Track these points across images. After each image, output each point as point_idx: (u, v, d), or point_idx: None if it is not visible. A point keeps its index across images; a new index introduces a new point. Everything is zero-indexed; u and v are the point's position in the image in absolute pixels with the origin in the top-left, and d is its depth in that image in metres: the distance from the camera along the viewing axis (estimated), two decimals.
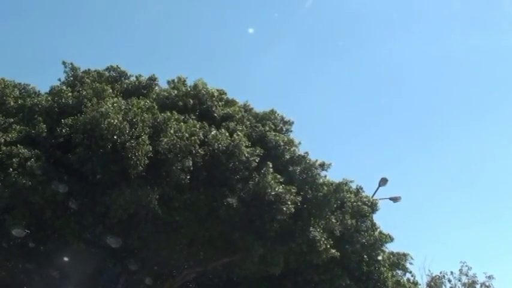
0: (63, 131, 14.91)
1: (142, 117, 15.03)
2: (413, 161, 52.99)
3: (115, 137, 14.36)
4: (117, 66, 18.77)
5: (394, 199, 25.49)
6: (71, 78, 18.01)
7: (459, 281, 31.34)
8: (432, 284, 30.84)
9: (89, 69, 18.34)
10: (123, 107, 15.19)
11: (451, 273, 31.59)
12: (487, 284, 31.19)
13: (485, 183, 52.39)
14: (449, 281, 31.45)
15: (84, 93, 16.04)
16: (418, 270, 32.24)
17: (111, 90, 16.60)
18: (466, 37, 48.24)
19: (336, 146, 49.15)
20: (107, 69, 18.70)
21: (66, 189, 14.51)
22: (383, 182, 24.78)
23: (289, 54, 49.34)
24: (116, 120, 14.40)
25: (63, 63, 18.26)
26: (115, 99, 15.72)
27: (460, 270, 31.56)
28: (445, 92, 55.74)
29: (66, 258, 15.97)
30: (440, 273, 31.66)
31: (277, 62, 48.75)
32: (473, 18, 51.54)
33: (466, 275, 31.37)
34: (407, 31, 52.71)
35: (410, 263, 22.87)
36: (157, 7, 46.92)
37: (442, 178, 52.75)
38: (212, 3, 47.89)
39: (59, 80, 18.15)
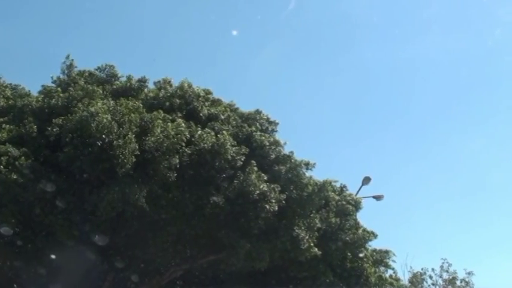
0: (54, 130, 15.13)
1: (130, 117, 15.31)
2: (395, 160, 53.66)
3: (103, 136, 14.63)
4: (108, 65, 18.96)
5: (377, 197, 26.00)
6: (65, 77, 18.19)
7: (440, 277, 31.95)
8: (414, 280, 31.40)
9: (83, 70, 18.55)
10: (112, 107, 15.43)
11: (432, 269, 32.18)
12: (466, 279, 31.83)
13: (465, 181, 53.28)
14: (431, 277, 32.03)
15: (75, 94, 16.28)
16: (400, 267, 32.77)
17: (101, 91, 16.84)
18: (446, 40, 49.05)
19: (320, 146, 49.68)
20: (98, 68, 18.91)
21: (54, 188, 14.74)
22: (366, 180, 25.27)
23: (272, 56, 49.80)
24: (105, 120, 14.67)
25: (67, 57, 18.50)
26: (104, 100, 15.96)
27: (441, 266, 32.14)
28: (426, 93, 56.54)
29: (53, 256, 16.15)
30: (422, 269, 32.25)
31: (261, 63, 49.18)
32: (453, 20, 52.34)
33: (447, 271, 31.98)
34: (388, 34, 53.39)
35: (393, 260, 23.45)
36: (141, 11, 47.02)
37: (424, 177, 53.54)
38: (196, 5, 48.04)
39: (51, 77, 18.35)
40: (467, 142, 52.52)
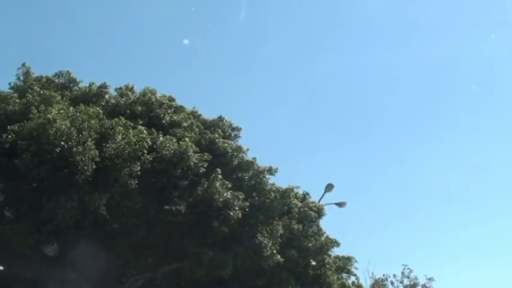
0: (8, 137, 14.72)
1: (90, 124, 15.06)
2: (358, 167, 54.41)
3: (62, 143, 14.34)
4: (67, 71, 18.66)
5: (340, 204, 26.21)
6: (22, 84, 17.77)
7: (401, 283, 32.47)
8: (375, 286, 31.78)
9: (40, 76, 18.16)
10: (71, 113, 15.16)
11: (394, 275, 32.68)
12: (427, 285, 32.45)
13: (426, 188, 54.39)
14: (392, 283, 32.54)
15: (32, 99, 15.92)
16: (362, 273, 33.06)
17: (59, 97, 16.53)
18: (404, 48, 50.14)
19: (283, 152, 49.93)
20: (56, 75, 18.56)
21: (2, 198, 14.38)
22: (329, 187, 25.46)
23: (223, 65, 50.14)
24: (64, 126, 14.39)
25: (23, 64, 18.05)
26: (62, 105, 15.66)
27: (402, 272, 32.69)
28: (388, 100, 57.60)
29: (1, 267, 15.71)
30: (383, 275, 32.70)
31: (214, 72, 49.38)
32: (422, 26, 53.56)
33: (408, 277, 32.54)
34: (347, 41, 54.28)
35: (355, 267, 23.72)
36: (90, 20, 46.58)
37: (386, 184, 54.44)
38: (147, 15, 47.89)
39: (9, 83, 17.90)
40: (428, 151, 53.75)
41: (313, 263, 20.66)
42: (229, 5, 48.98)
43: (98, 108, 16.25)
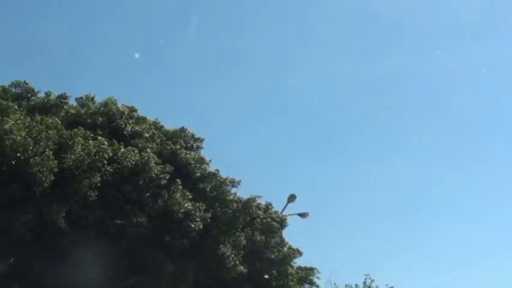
0: None
1: (47, 134, 14.79)
2: (320, 178, 54.76)
3: (18, 154, 14.03)
4: (24, 81, 18.29)
5: (302, 215, 26.26)
6: None
7: None
8: None
9: None
10: (27, 123, 14.85)
11: (356, 285, 32.96)
12: None
13: (387, 199, 55.17)
14: None
15: None
16: (325, 284, 33.23)
17: (17, 107, 16.17)
18: (356, 60, 50.91)
19: (245, 163, 49.82)
20: (13, 84, 18.16)
21: None
22: (291, 198, 25.50)
23: (175, 78, 50.06)
24: (19, 137, 14.09)
25: None
26: (18, 115, 15.32)
27: (364, 282, 32.98)
28: (346, 111, 58.17)
29: None
30: (346, 286, 32.95)
31: (165, 86, 49.32)
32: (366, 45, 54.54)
33: (370, 287, 32.87)
34: (295, 51, 54.70)
35: (317, 277, 23.84)
36: (42, 33, 45.83)
37: (347, 194, 54.90)
38: (98, 29, 47.46)
39: None
40: (390, 161, 54.59)
41: (266, 276, 20.59)
42: (179, 20, 49.35)
43: (56, 119, 15.99)
